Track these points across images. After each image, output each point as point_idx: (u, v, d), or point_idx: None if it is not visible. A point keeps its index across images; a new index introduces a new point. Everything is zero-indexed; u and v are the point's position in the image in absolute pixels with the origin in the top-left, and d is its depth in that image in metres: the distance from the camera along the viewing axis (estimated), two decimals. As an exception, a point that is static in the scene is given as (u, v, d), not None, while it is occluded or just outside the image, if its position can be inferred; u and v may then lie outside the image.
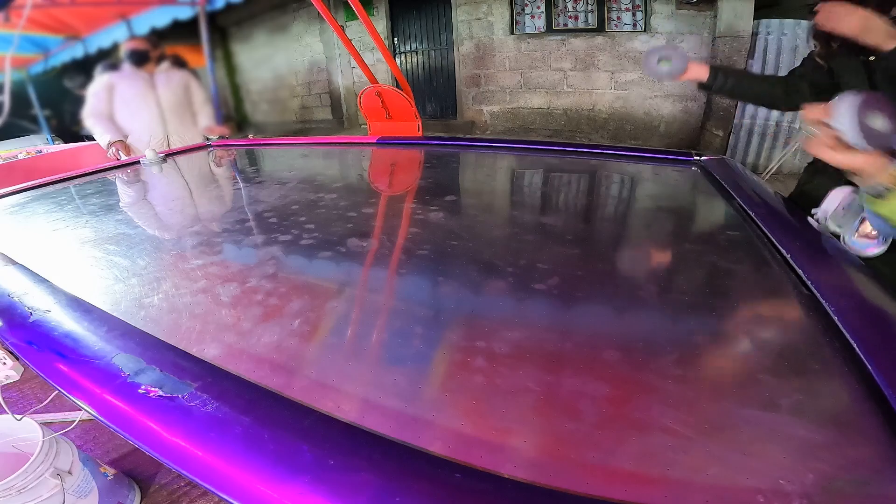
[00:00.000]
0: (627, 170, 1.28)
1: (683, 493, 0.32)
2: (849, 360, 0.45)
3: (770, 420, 0.38)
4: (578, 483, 0.34)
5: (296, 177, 1.42)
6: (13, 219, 1.19)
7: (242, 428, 0.36)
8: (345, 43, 2.10)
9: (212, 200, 1.30)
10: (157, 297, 0.70)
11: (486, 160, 1.54)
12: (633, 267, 0.69)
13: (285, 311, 0.63)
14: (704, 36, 4.21)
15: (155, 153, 1.72)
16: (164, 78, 2.21)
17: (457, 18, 5.33)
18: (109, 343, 0.50)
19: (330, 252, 0.80)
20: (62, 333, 0.52)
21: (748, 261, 0.71)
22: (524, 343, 0.51)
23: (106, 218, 1.16)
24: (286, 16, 6.59)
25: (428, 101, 6.03)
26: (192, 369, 0.44)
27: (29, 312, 0.57)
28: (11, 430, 0.90)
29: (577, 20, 4.71)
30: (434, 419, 0.41)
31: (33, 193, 1.44)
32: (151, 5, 2.99)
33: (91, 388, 0.43)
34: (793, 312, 0.55)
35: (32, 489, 0.80)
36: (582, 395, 0.43)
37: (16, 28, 2.00)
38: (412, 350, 0.52)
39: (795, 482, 0.32)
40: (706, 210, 0.94)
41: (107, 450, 1.17)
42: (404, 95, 1.97)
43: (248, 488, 0.32)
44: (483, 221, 0.96)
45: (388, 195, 1.25)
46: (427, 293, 0.66)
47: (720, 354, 0.47)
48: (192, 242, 0.92)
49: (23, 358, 0.51)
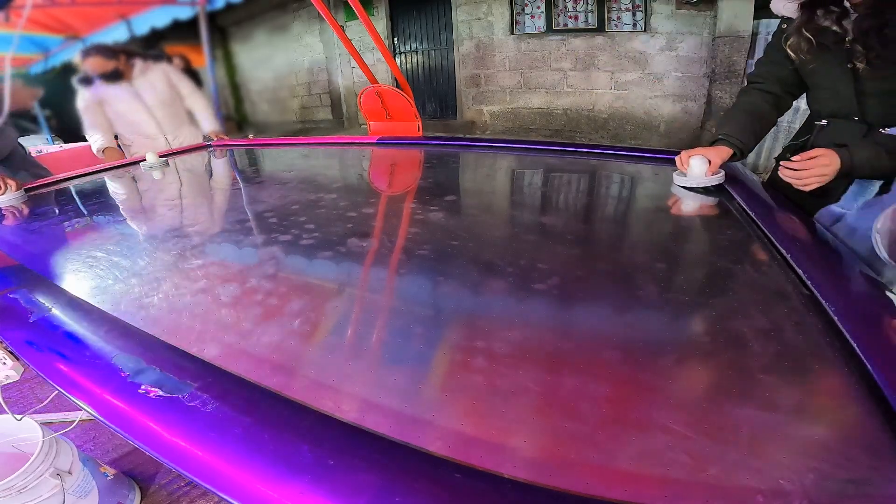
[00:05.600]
0: (627, 170, 1.28)
1: (683, 493, 0.32)
2: (849, 360, 0.45)
3: (770, 420, 0.38)
4: (578, 483, 0.34)
5: (296, 177, 1.42)
6: (13, 219, 1.19)
7: (242, 428, 0.36)
8: (345, 43, 2.10)
9: (212, 201, 1.30)
10: (156, 297, 0.70)
11: (486, 160, 1.54)
12: (632, 267, 0.69)
13: (285, 311, 0.63)
14: (704, 36, 4.21)
15: (156, 156, 1.71)
16: (146, 82, 2.08)
17: (457, 18, 5.33)
18: (109, 343, 0.50)
19: (330, 252, 0.80)
20: (62, 333, 0.52)
21: (748, 260, 0.71)
22: (524, 343, 0.51)
23: (105, 218, 1.16)
24: (286, 16, 6.59)
25: (428, 101, 6.03)
26: (192, 369, 0.44)
27: (29, 312, 0.57)
28: (11, 430, 0.90)
29: (577, 20, 4.71)
30: (434, 419, 0.41)
31: (33, 193, 1.44)
32: (151, 5, 2.99)
33: (91, 388, 0.43)
34: (792, 312, 0.55)
35: (32, 489, 0.80)
36: (582, 394, 0.43)
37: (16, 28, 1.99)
38: (412, 350, 0.52)
39: (795, 482, 0.32)
40: (706, 210, 0.94)
41: (107, 450, 1.17)
42: (404, 95, 1.97)
43: (248, 488, 0.32)
44: (483, 221, 0.96)
45: (388, 195, 1.25)
46: (427, 293, 0.66)
47: (719, 354, 0.47)
48: (192, 242, 0.92)
49: (23, 358, 0.51)
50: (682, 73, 4.44)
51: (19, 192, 1.35)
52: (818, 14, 0.83)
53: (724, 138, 1.02)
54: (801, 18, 0.86)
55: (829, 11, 0.81)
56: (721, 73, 4.17)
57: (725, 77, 4.15)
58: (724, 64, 4.13)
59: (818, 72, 0.92)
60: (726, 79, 4.15)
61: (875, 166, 0.82)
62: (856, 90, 0.86)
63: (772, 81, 1.02)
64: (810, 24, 0.85)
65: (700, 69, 4.34)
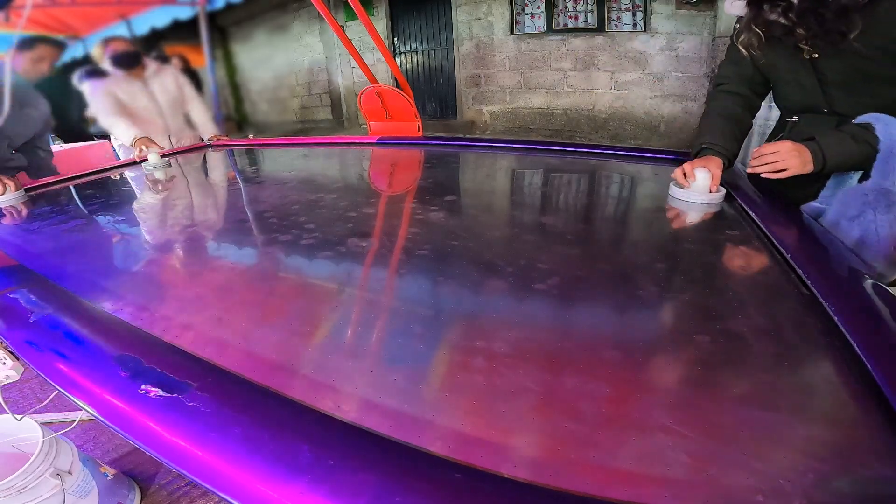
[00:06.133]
0: (627, 170, 1.28)
1: (683, 493, 0.32)
2: (849, 360, 0.45)
3: (770, 420, 0.39)
4: (578, 483, 0.34)
5: (296, 177, 1.43)
6: (13, 219, 1.19)
7: (242, 428, 0.36)
8: (345, 43, 2.10)
9: (212, 201, 1.30)
10: (157, 296, 0.70)
11: (486, 160, 1.54)
12: (632, 267, 0.69)
13: (285, 311, 0.63)
14: (704, 36, 4.21)
15: (158, 156, 1.71)
16: (158, 82, 2.09)
17: (457, 18, 5.33)
18: (109, 343, 0.50)
19: (330, 252, 0.80)
20: (62, 333, 0.52)
21: (747, 260, 0.71)
22: (524, 343, 0.51)
23: (106, 218, 1.16)
24: (286, 16, 6.59)
25: (428, 101, 6.03)
26: (192, 369, 0.44)
27: (29, 312, 0.57)
28: (11, 430, 0.90)
29: (577, 20, 4.71)
30: (434, 419, 0.41)
31: (33, 193, 1.44)
32: (151, 5, 2.99)
33: (91, 388, 0.43)
34: (792, 312, 0.55)
35: (32, 489, 0.80)
36: (582, 394, 0.43)
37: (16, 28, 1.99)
38: (412, 350, 0.52)
39: (795, 482, 0.32)
40: (705, 209, 0.94)
41: (107, 450, 1.17)
42: (404, 95, 1.97)
43: (248, 488, 0.32)
44: (483, 221, 0.96)
45: (388, 195, 1.25)
46: (427, 293, 0.66)
47: (719, 354, 0.47)
48: (193, 242, 0.92)
49: (23, 358, 0.51)
50: (682, 73, 4.44)
51: (19, 192, 1.35)
52: (765, 8, 0.81)
53: (709, 147, 0.99)
54: (749, 14, 0.85)
55: (775, 4, 0.80)
56: (721, 73, 4.16)
57: (725, 77, 4.15)
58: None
59: (777, 66, 0.92)
60: (726, 79, 4.15)
61: (843, 151, 0.82)
62: (818, 80, 0.85)
63: (737, 81, 1.01)
64: (758, 18, 0.84)
65: (700, 69, 4.35)
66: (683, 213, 0.92)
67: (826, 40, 0.78)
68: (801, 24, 0.78)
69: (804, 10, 0.76)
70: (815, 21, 0.76)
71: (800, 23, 0.78)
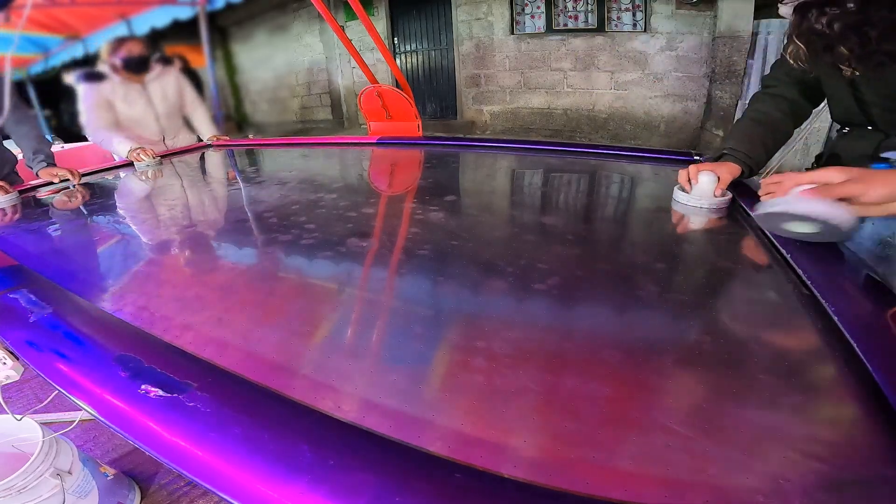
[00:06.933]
0: (627, 170, 1.28)
1: (683, 493, 0.32)
2: (849, 360, 0.45)
3: (770, 420, 0.39)
4: (579, 483, 0.34)
5: (296, 177, 1.42)
6: (13, 219, 1.19)
7: (242, 428, 0.36)
8: (345, 43, 2.10)
9: (211, 201, 1.30)
10: (157, 296, 0.70)
11: (486, 160, 1.54)
12: (632, 267, 0.69)
13: (285, 311, 0.63)
14: (704, 36, 4.22)
15: (150, 157, 1.71)
16: (158, 87, 2.04)
17: (457, 18, 5.34)
18: (109, 343, 0.50)
19: (330, 252, 0.80)
20: (62, 333, 0.52)
21: (747, 260, 0.71)
22: (524, 343, 0.51)
23: (103, 219, 1.16)
24: (286, 16, 6.60)
25: (428, 101, 6.04)
26: (192, 369, 0.44)
27: (29, 312, 0.57)
28: (11, 430, 0.90)
29: (577, 20, 4.71)
30: (434, 419, 0.41)
31: (31, 193, 1.44)
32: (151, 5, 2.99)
33: (91, 388, 0.43)
34: (792, 312, 0.55)
35: (32, 489, 0.80)
36: (582, 394, 0.43)
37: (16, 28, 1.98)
38: (412, 350, 0.52)
39: (795, 482, 0.32)
40: (707, 214, 0.94)
41: (107, 450, 1.17)
42: (404, 95, 1.97)
43: (248, 488, 0.32)
44: (483, 221, 0.96)
45: (388, 195, 1.25)
46: (427, 293, 0.66)
47: (719, 354, 0.47)
48: (192, 242, 0.92)
49: (23, 358, 0.51)
50: (682, 73, 4.45)
51: (13, 194, 1.35)
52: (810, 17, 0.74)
53: (729, 153, 0.92)
54: (794, 23, 0.78)
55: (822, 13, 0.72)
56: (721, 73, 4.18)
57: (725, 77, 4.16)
58: (723, 64, 4.13)
59: (822, 79, 0.86)
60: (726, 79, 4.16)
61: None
62: (855, 98, 0.80)
63: (787, 84, 0.93)
64: (802, 26, 0.76)
65: (700, 69, 4.35)
66: (683, 216, 0.92)
67: (869, 62, 0.71)
68: (843, 41, 0.71)
69: (847, 27, 0.69)
70: (858, 41, 0.69)
71: (843, 40, 0.70)
